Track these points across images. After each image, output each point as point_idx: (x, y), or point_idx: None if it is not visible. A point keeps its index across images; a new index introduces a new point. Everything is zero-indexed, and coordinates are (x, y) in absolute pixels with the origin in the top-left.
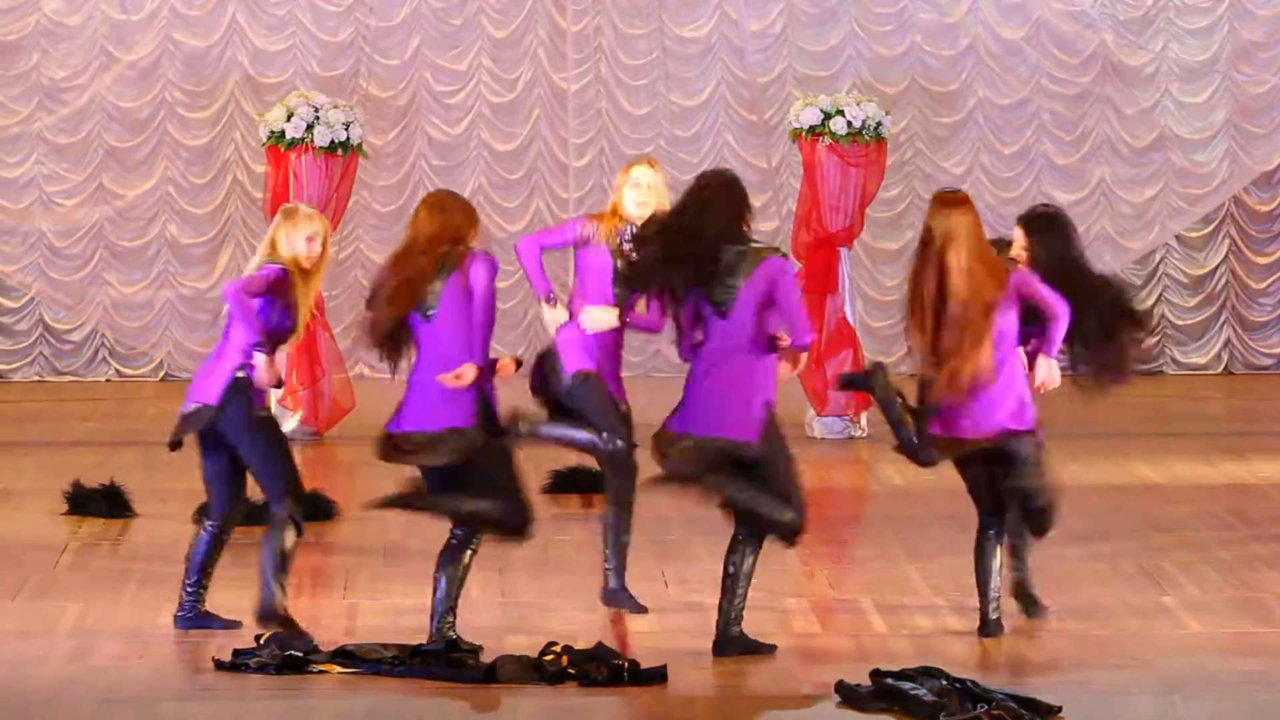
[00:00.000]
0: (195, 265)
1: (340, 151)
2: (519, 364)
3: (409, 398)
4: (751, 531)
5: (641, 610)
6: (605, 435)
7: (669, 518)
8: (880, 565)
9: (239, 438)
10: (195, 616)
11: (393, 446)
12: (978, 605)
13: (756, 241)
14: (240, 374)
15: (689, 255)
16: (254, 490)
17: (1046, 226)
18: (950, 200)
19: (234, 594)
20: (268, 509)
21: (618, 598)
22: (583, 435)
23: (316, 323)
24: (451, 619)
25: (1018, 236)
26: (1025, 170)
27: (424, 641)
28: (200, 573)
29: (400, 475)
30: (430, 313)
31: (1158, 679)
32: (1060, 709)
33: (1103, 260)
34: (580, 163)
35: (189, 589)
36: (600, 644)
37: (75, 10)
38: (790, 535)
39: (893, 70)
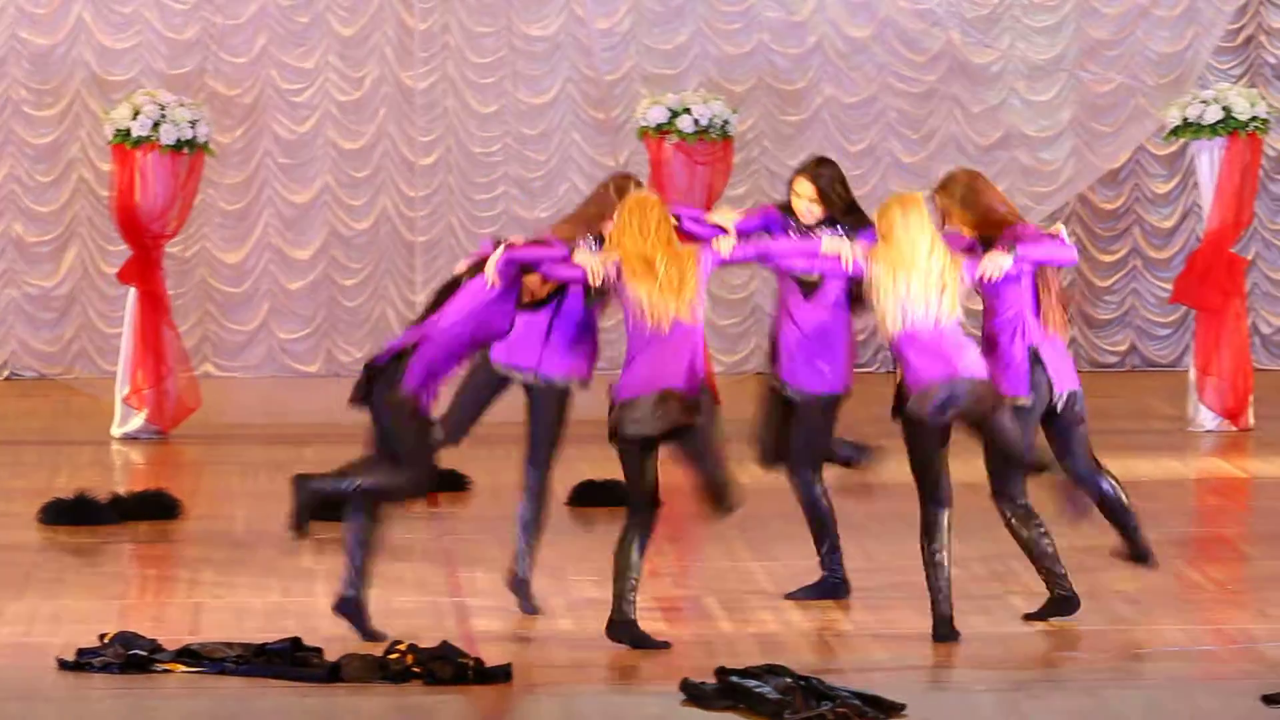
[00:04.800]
0: (40, 264)
1: (187, 149)
2: None
3: None
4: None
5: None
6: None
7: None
8: (725, 563)
9: None
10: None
11: None
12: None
13: None
14: None
15: None
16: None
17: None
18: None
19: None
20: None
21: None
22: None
23: (163, 321)
24: None
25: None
26: (872, 168)
27: (268, 640)
28: None
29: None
30: None
31: (1003, 677)
32: (905, 706)
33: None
34: (427, 160)
35: None
36: (445, 643)
37: None
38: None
39: (739, 68)
